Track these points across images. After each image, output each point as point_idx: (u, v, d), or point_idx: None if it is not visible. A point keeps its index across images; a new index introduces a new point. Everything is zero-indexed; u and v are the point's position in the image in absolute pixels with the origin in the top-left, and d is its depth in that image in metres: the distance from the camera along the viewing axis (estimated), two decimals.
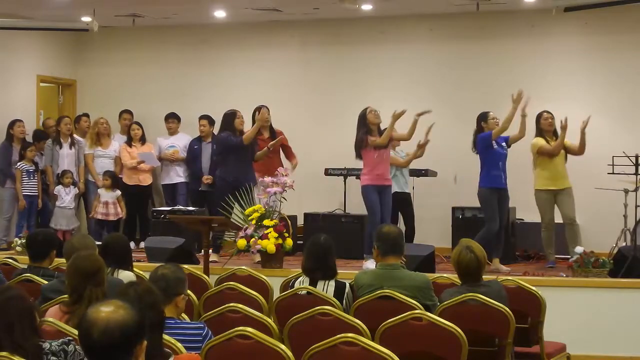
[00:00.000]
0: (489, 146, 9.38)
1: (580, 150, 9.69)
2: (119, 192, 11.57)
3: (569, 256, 9.18)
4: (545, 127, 9.85)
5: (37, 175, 11.43)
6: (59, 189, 11.43)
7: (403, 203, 10.43)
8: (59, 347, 3.78)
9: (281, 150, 10.79)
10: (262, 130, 10.38)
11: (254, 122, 10.14)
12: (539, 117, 9.88)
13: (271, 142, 10.16)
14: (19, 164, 11.36)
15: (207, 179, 11.55)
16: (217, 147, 10.45)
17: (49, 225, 11.23)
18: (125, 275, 5.92)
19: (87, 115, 12.51)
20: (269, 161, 10.26)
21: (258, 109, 10.37)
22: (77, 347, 3.78)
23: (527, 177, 10.11)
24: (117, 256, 5.99)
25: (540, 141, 9.77)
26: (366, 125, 9.44)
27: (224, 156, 10.01)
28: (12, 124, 11.61)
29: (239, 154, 9.84)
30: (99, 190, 11.59)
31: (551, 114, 9.90)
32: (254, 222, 9.16)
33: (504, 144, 9.47)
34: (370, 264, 8.96)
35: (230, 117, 9.99)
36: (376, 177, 9.42)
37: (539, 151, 9.72)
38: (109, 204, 11.47)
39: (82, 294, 4.65)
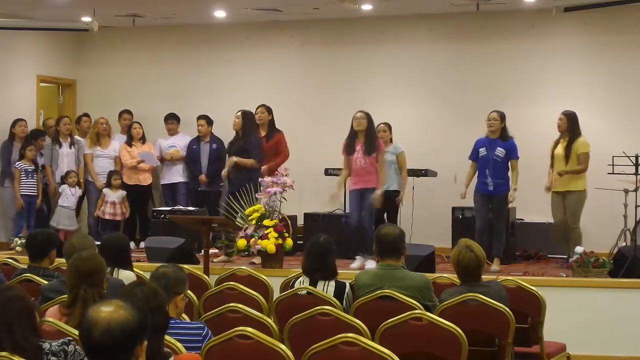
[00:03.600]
0: (475, 152, 9.65)
1: None
2: (124, 192, 11.59)
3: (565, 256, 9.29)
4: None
5: (36, 175, 11.43)
6: (64, 188, 11.43)
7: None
8: (59, 347, 3.77)
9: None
10: (260, 129, 10.45)
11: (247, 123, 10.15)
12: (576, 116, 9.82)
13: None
14: (17, 163, 11.37)
15: (203, 179, 11.62)
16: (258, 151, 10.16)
17: (50, 225, 11.25)
18: (125, 275, 5.92)
19: (87, 115, 12.51)
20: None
21: (256, 109, 10.51)
22: (77, 347, 3.78)
23: (528, 178, 10.11)
24: (116, 255, 5.99)
25: None
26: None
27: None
28: (14, 123, 11.65)
29: None
30: (104, 190, 11.58)
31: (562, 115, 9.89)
32: (254, 222, 9.17)
33: (500, 148, 9.47)
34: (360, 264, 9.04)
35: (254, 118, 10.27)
36: None
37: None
38: (116, 204, 11.50)
39: (78, 294, 4.65)
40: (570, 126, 9.73)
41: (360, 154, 9.51)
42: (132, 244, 10.94)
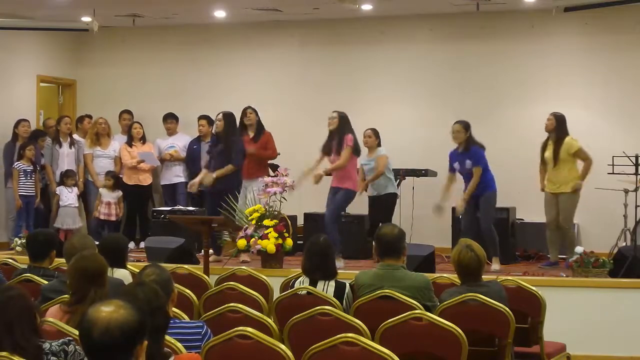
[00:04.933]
0: (451, 166, 9.81)
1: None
2: (120, 193, 11.60)
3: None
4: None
5: (34, 175, 11.42)
6: (60, 189, 11.44)
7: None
8: (59, 347, 3.77)
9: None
10: (248, 130, 10.41)
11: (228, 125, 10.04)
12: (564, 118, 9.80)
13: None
14: (16, 163, 11.36)
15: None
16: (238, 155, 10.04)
17: (53, 225, 11.25)
18: (121, 274, 5.94)
19: (90, 116, 12.53)
20: (249, 165, 10.21)
21: (244, 111, 10.43)
22: (77, 347, 3.78)
23: (528, 178, 10.13)
24: (112, 256, 5.98)
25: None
26: None
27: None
28: (18, 123, 11.65)
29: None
30: (100, 190, 11.60)
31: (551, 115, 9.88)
32: (254, 222, 9.16)
33: (467, 160, 9.52)
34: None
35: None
36: None
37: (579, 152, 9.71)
38: (111, 204, 11.52)
39: (86, 294, 4.63)
40: (557, 127, 9.72)
41: (333, 154, 9.60)
42: (132, 244, 11.03)
